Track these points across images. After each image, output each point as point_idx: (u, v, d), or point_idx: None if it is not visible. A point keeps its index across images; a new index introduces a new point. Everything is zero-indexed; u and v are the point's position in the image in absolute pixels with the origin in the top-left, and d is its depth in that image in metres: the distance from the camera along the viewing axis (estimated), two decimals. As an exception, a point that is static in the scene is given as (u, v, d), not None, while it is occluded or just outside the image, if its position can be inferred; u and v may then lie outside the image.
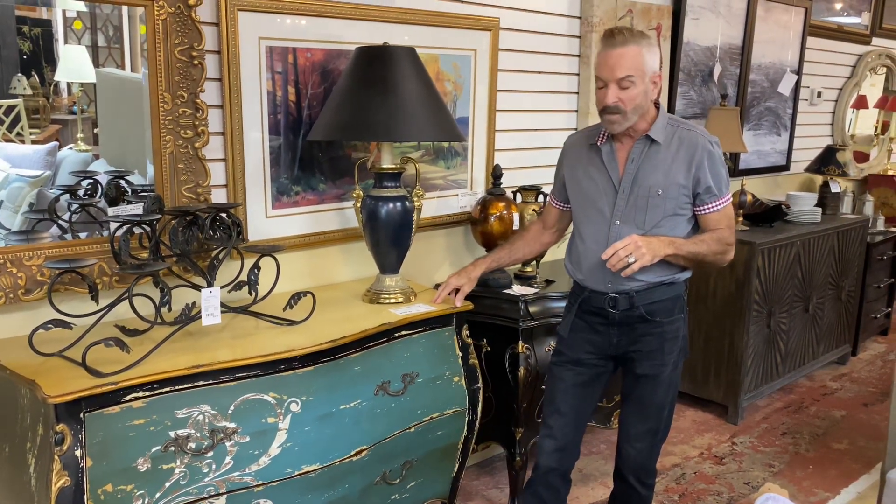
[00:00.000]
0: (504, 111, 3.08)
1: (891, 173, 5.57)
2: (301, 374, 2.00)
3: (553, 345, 2.50)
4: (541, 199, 2.93)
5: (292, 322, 2.12)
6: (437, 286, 2.46)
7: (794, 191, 4.69)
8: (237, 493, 1.90)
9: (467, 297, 2.42)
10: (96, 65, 2.10)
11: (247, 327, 2.10)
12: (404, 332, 2.29)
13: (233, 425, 1.88)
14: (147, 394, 1.76)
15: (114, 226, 2.03)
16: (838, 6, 5.07)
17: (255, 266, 2.13)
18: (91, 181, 2.11)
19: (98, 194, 2.12)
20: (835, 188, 4.59)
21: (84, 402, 1.66)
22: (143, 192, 2.15)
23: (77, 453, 1.65)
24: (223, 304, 2.04)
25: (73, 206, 2.09)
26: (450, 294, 2.40)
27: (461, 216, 2.99)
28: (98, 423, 1.69)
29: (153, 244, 1.97)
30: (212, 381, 1.85)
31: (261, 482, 1.93)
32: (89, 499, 1.67)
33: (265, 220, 2.43)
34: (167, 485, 1.79)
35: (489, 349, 2.73)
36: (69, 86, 2.11)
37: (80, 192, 2.10)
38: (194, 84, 2.14)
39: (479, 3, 2.90)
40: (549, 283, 2.87)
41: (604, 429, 3.14)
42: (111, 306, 1.88)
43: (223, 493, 1.87)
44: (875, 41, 5.45)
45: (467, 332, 2.45)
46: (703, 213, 2.14)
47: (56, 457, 1.63)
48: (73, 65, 2.09)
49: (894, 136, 5.88)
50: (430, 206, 2.85)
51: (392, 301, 2.38)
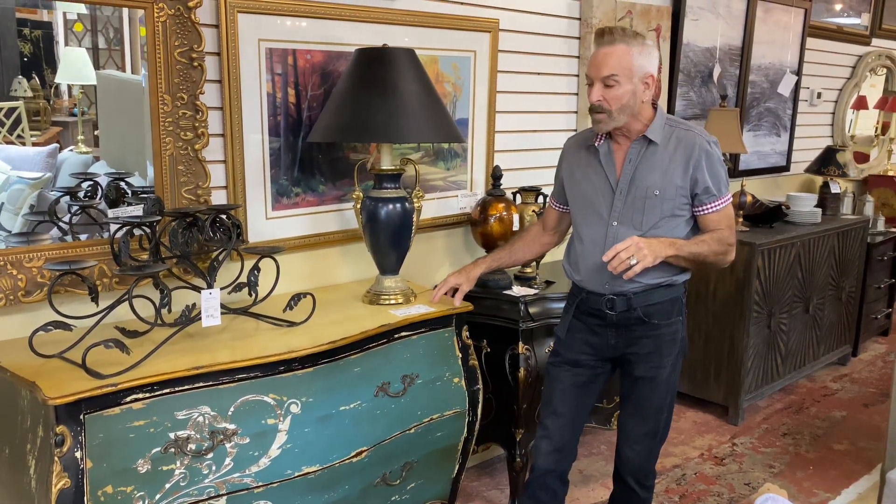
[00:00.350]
0: (504, 112, 3.08)
1: (891, 174, 5.56)
2: (301, 375, 2.00)
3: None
4: (540, 200, 2.93)
5: (292, 323, 2.12)
6: (436, 286, 2.46)
7: (794, 191, 4.69)
8: (237, 494, 1.90)
9: (467, 298, 2.42)
10: (97, 67, 2.11)
11: (247, 329, 2.10)
12: (404, 334, 2.29)
13: (233, 427, 1.88)
14: (147, 395, 1.76)
15: (114, 227, 2.03)
16: (838, 7, 5.07)
17: (255, 267, 2.13)
18: (91, 183, 2.11)
19: (98, 196, 2.12)
20: (835, 189, 4.58)
21: (84, 403, 1.66)
22: (143, 194, 2.15)
23: (77, 455, 1.65)
24: (223, 306, 2.04)
25: (74, 208, 2.09)
26: (447, 293, 2.40)
27: (461, 217, 2.99)
28: (98, 424, 1.69)
29: (153, 246, 1.97)
30: (212, 383, 1.85)
31: (261, 483, 1.93)
32: (89, 500, 1.67)
33: (265, 221, 2.43)
34: (167, 486, 1.79)
35: (489, 350, 2.73)
36: (70, 88, 2.11)
37: (81, 194, 2.11)
38: (194, 86, 2.15)
39: (478, 4, 2.90)
40: (549, 283, 2.87)
41: (604, 430, 3.14)
42: (111, 308, 1.88)
43: (223, 495, 1.87)
44: (875, 42, 5.45)
45: (467, 333, 2.45)
46: (702, 213, 2.13)
47: (56, 458, 1.63)
48: (74, 67, 2.10)
49: (894, 137, 5.88)
50: (430, 208, 2.85)
51: (392, 302, 2.38)
